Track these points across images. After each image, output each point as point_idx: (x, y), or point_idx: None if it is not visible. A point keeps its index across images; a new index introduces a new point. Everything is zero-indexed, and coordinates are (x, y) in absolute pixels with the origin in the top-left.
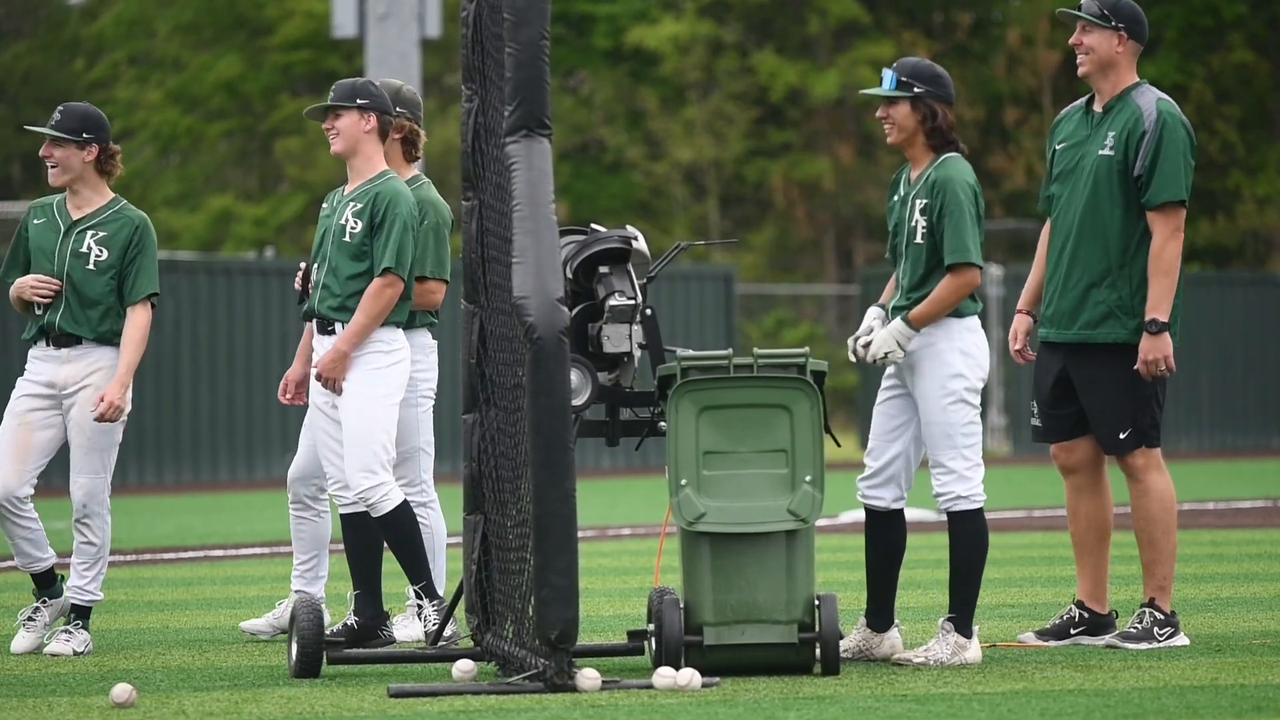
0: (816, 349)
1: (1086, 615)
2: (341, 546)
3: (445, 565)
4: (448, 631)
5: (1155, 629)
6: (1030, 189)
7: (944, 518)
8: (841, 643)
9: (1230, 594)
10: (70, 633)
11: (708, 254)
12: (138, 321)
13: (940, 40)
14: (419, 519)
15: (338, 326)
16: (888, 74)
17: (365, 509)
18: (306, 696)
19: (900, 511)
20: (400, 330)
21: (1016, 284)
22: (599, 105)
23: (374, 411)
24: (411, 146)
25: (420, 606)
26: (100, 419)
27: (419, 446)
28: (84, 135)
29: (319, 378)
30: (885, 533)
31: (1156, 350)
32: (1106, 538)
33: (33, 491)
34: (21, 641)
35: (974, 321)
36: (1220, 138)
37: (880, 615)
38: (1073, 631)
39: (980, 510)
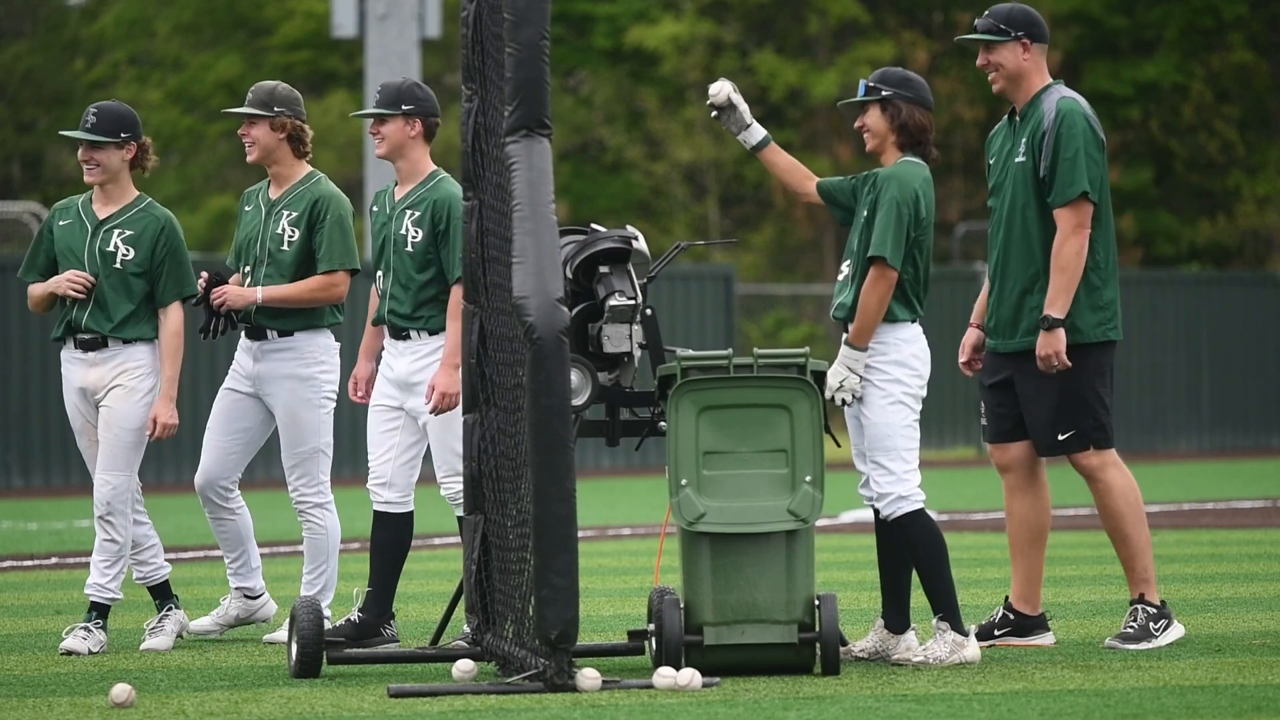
0: (816, 349)
1: (1013, 617)
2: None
3: (337, 566)
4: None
5: (1150, 625)
6: None
7: (943, 516)
8: (858, 644)
9: (1230, 594)
10: (89, 630)
11: (708, 254)
12: (170, 328)
13: (940, 40)
14: (315, 520)
15: (413, 333)
16: (862, 85)
17: (398, 512)
18: (306, 696)
19: None
20: None
21: None
22: (599, 105)
23: (458, 415)
24: (299, 144)
25: None
26: (158, 439)
27: (319, 447)
28: (122, 135)
29: (440, 400)
30: (893, 531)
31: (1048, 346)
32: (1040, 540)
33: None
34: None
35: (909, 331)
36: (1220, 138)
37: (897, 617)
38: (997, 633)
39: (923, 509)
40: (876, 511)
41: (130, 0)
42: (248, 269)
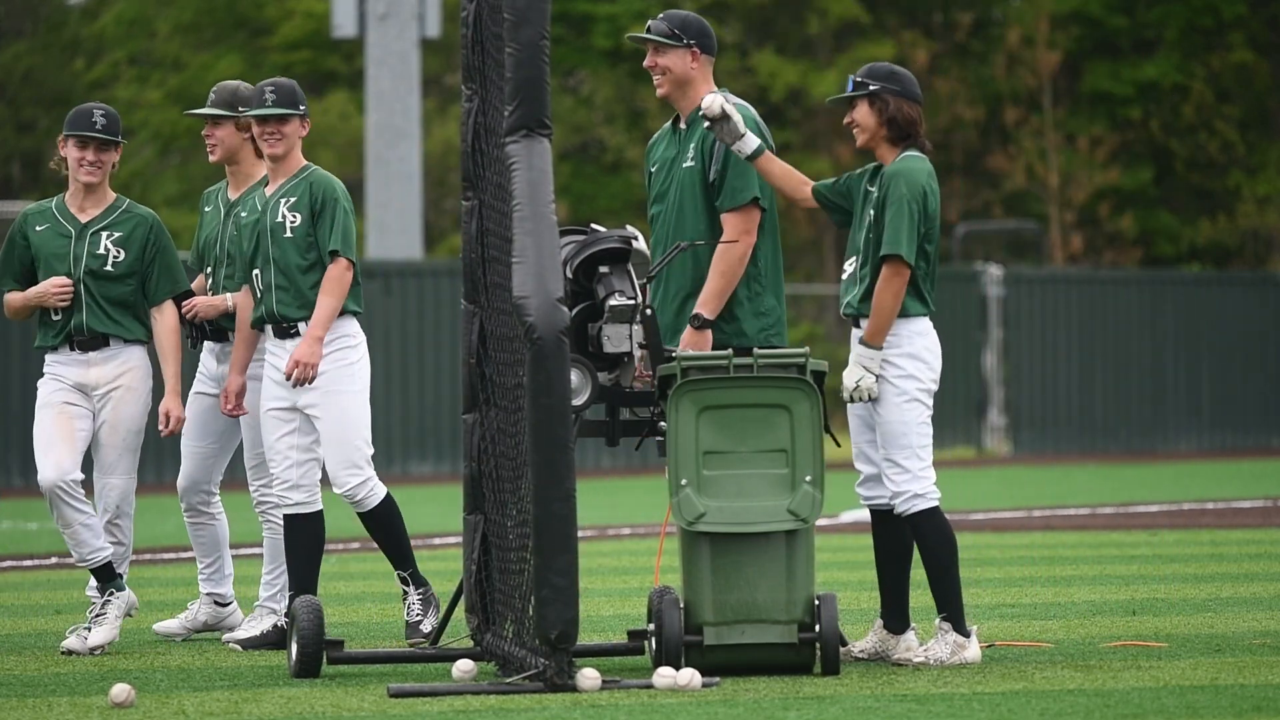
0: (816, 349)
1: None
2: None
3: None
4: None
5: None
6: (1030, 189)
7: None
8: (858, 645)
9: (1230, 594)
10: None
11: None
12: (168, 325)
13: (940, 40)
14: (276, 521)
15: (302, 326)
16: (849, 81)
17: (310, 508)
18: (306, 696)
19: None
20: (357, 321)
21: (1017, 284)
22: (599, 105)
23: (352, 408)
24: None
25: (406, 593)
26: (171, 434)
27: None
28: (121, 139)
29: (295, 369)
30: (890, 530)
31: (694, 346)
32: None
33: (83, 476)
34: (99, 635)
35: (922, 324)
36: (1220, 138)
37: (896, 617)
38: None
39: (938, 507)
40: (873, 511)
41: (130, 0)
42: (209, 270)
